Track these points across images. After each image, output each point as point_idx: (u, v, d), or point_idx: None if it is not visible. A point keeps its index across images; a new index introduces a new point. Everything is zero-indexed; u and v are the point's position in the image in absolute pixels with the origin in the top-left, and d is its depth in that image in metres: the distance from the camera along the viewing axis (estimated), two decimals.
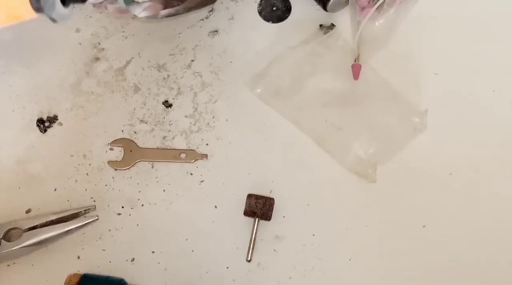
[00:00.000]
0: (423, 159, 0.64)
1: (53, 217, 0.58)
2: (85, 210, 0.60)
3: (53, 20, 0.51)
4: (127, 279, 0.57)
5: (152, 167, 0.63)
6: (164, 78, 0.67)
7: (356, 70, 0.66)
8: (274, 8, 0.70)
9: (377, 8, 0.65)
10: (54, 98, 0.65)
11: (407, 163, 0.64)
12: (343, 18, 0.69)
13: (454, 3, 0.70)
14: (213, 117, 0.65)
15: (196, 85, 0.67)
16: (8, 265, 0.58)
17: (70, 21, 0.58)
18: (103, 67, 0.67)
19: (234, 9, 0.70)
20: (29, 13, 0.51)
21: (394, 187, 0.63)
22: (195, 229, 0.61)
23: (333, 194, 0.63)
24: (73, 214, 0.59)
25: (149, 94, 0.66)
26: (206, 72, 0.67)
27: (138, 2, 0.55)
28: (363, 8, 0.66)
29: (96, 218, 0.59)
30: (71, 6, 0.52)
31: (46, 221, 0.58)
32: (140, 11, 0.57)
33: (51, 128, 0.64)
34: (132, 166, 0.63)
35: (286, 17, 0.70)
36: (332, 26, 0.69)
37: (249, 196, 0.61)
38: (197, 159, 0.63)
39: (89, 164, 0.63)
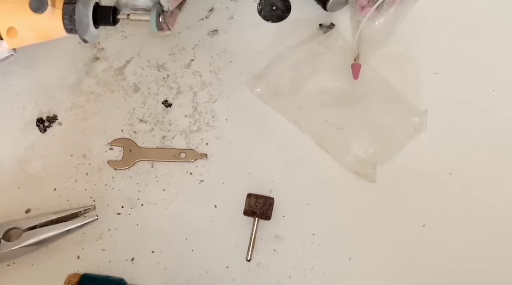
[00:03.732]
0: (423, 159, 0.64)
1: (53, 217, 0.58)
2: (85, 210, 0.60)
3: (85, 41, 0.52)
4: (127, 279, 0.57)
5: (152, 166, 0.63)
6: (163, 77, 0.67)
7: (356, 69, 0.65)
8: (274, 8, 0.70)
9: (377, 7, 0.65)
10: (54, 98, 0.65)
11: (407, 163, 0.64)
12: (342, 18, 0.69)
13: (454, 3, 0.70)
14: (212, 117, 0.65)
15: (195, 84, 0.66)
16: (8, 265, 0.58)
17: None
18: (103, 66, 0.67)
19: (233, 9, 0.69)
20: (60, 33, 0.52)
21: (394, 187, 0.63)
22: (195, 229, 0.61)
23: (333, 194, 0.63)
24: (72, 214, 0.59)
25: (148, 93, 0.66)
26: (206, 71, 0.67)
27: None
28: (362, 8, 0.66)
29: (96, 217, 0.59)
30: (101, 27, 0.53)
31: (46, 221, 0.58)
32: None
33: (51, 128, 0.64)
34: (132, 165, 0.63)
35: (285, 17, 0.70)
36: (332, 25, 0.69)
37: (249, 195, 0.61)
38: (196, 159, 0.63)
39: (89, 164, 0.63)
